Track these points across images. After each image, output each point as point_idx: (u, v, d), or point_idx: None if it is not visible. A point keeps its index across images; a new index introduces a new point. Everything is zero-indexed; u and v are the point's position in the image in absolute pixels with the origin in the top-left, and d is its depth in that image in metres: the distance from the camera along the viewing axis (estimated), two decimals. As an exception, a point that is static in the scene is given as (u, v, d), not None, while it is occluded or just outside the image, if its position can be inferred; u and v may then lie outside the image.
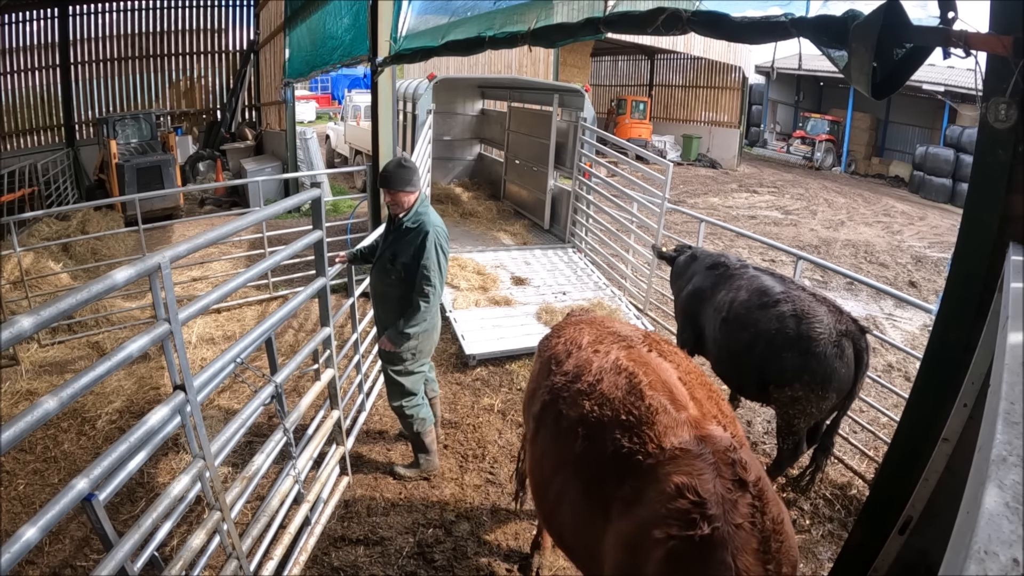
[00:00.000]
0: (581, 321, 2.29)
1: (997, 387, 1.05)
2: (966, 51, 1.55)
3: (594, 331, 2.13)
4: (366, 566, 2.86)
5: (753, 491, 1.42)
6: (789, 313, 3.16)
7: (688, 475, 1.46)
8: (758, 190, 14.67)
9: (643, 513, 1.50)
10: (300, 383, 4.39)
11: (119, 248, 7.57)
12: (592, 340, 2.06)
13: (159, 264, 1.63)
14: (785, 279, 3.50)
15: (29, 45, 12.25)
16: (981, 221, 1.75)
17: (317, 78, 25.99)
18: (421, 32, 5.33)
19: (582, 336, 2.11)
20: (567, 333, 2.20)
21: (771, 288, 3.37)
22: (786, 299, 3.24)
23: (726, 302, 3.51)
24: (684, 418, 1.63)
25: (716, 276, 3.76)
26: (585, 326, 2.20)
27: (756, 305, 3.33)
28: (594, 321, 2.27)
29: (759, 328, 3.23)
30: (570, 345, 2.09)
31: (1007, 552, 0.68)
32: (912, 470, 1.91)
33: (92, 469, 1.45)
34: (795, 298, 3.23)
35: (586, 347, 2.02)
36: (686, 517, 1.39)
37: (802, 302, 3.19)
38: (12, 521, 3.14)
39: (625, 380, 1.78)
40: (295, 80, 11.22)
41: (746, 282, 3.52)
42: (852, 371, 3.10)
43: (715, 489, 1.42)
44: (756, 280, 3.50)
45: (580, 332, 2.14)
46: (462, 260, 6.38)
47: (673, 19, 2.31)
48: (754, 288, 3.43)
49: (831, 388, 3.10)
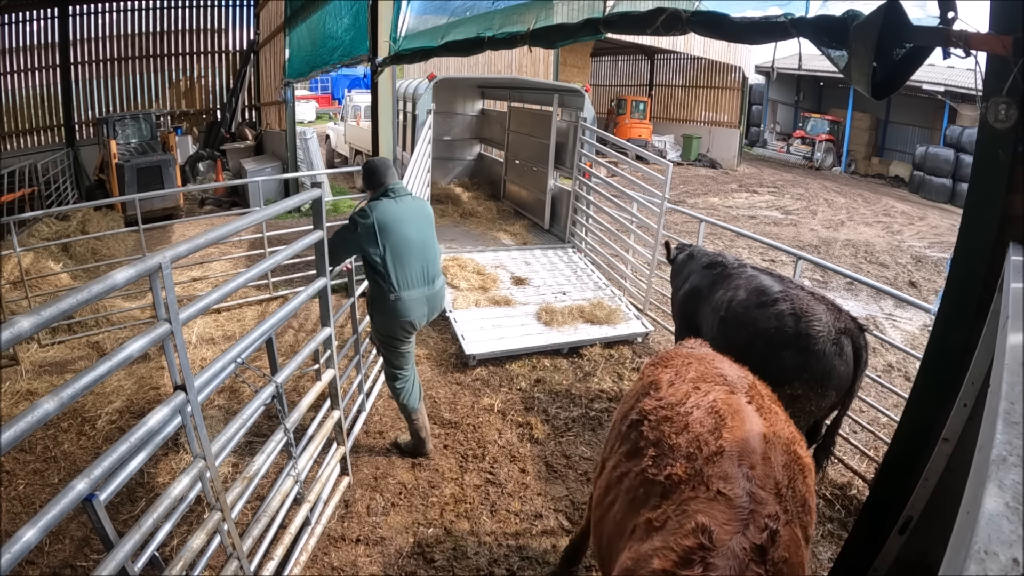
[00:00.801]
0: (691, 355, 2.26)
1: (997, 387, 1.05)
2: (966, 51, 1.55)
3: (701, 368, 2.11)
4: (366, 566, 2.87)
5: (768, 567, 1.36)
6: (788, 311, 3.16)
7: (713, 520, 1.43)
8: (758, 190, 14.67)
9: (656, 540, 1.50)
10: (300, 383, 4.39)
11: (119, 248, 7.57)
12: (696, 376, 2.05)
13: (160, 264, 1.63)
14: (784, 278, 3.50)
15: (29, 45, 12.25)
16: (981, 221, 1.75)
17: (317, 78, 25.99)
18: (420, 32, 5.33)
19: (688, 370, 2.10)
20: (674, 364, 2.18)
21: (769, 287, 3.37)
22: (784, 298, 3.24)
23: (724, 301, 3.50)
24: (745, 472, 1.58)
25: (714, 275, 3.75)
26: (694, 361, 2.17)
27: (754, 304, 3.32)
28: (704, 358, 2.23)
29: (758, 327, 3.23)
30: (674, 376, 2.08)
31: (1007, 552, 0.68)
32: (912, 470, 1.92)
33: (93, 469, 1.45)
34: (793, 296, 3.23)
35: (688, 381, 2.02)
36: (688, 555, 1.37)
37: (800, 300, 3.19)
38: (12, 521, 3.14)
39: (712, 420, 1.76)
40: (295, 80, 11.23)
41: (744, 281, 3.52)
42: (851, 369, 3.09)
43: (731, 544, 1.38)
44: (754, 279, 3.50)
45: (687, 366, 2.13)
46: (462, 260, 6.38)
47: (673, 19, 2.31)
48: (752, 287, 3.43)
49: (830, 386, 3.10)
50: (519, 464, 3.66)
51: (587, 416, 4.19)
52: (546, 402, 4.34)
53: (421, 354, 5.01)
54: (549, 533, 3.11)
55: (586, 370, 4.85)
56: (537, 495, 3.39)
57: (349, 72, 27.71)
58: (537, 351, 5.00)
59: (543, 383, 4.61)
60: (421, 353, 5.03)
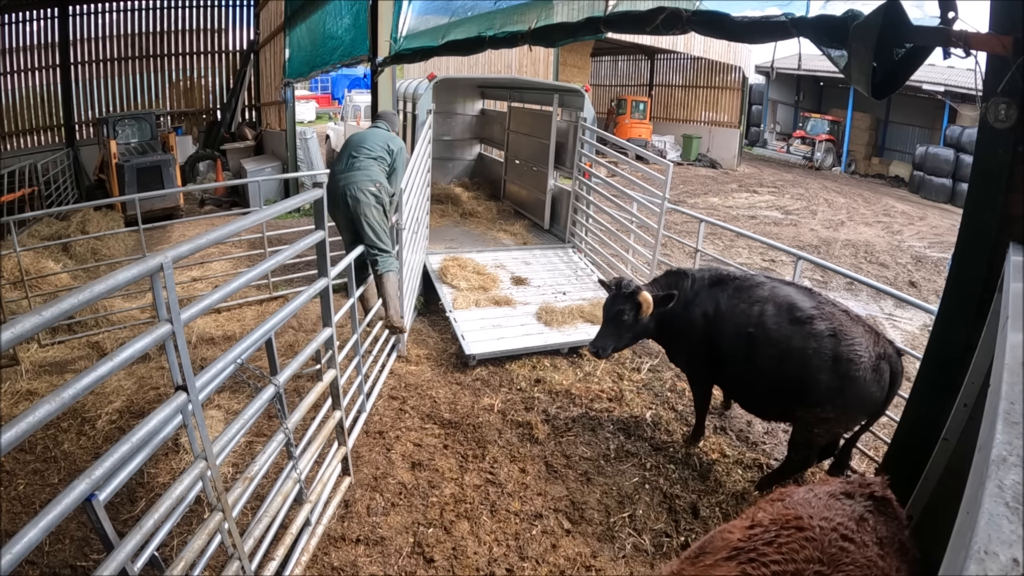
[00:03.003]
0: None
1: (997, 387, 1.05)
2: (966, 51, 1.55)
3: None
4: (366, 566, 2.87)
5: None
6: (826, 332, 2.97)
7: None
8: (758, 190, 14.67)
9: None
10: (300, 383, 4.39)
11: (119, 248, 7.57)
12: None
13: (161, 264, 1.63)
14: (812, 292, 3.29)
15: (29, 45, 12.24)
16: (981, 221, 1.76)
17: (317, 78, 25.97)
18: (421, 32, 5.34)
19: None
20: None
21: (800, 302, 3.15)
22: (821, 316, 3.04)
23: (751, 316, 3.22)
24: None
25: (730, 291, 3.44)
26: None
27: (787, 320, 3.11)
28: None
29: (791, 344, 3.04)
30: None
31: (1007, 552, 0.68)
32: (912, 470, 1.92)
33: (94, 470, 1.45)
34: (830, 315, 3.04)
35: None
36: None
37: (837, 320, 3.00)
38: (12, 521, 3.14)
39: None
40: (295, 80, 11.23)
41: (768, 293, 3.27)
42: (885, 394, 2.99)
43: None
44: (779, 291, 3.26)
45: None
46: (462, 260, 6.38)
47: (674, 18, 2.31)
48: (782, 301, 3.19)
49: (864, 411, 3.00)
50: (519, 464, 3.66)
51: (587, 416, 4.19)
52: (546, 402, 4.34)
53: (421, 354, 5.02)
54: (549, 533, 3.11)
55: (586, 370, 4.84)
56: (537, 495, 3.39)
57: (349, 72, 27.69)
58: (537, 351, 5.00)
59: (543, 383, 4.61)
60: (421, 353, 5.03)
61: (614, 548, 3.03)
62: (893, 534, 1.53)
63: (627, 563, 2.93)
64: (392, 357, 4.86)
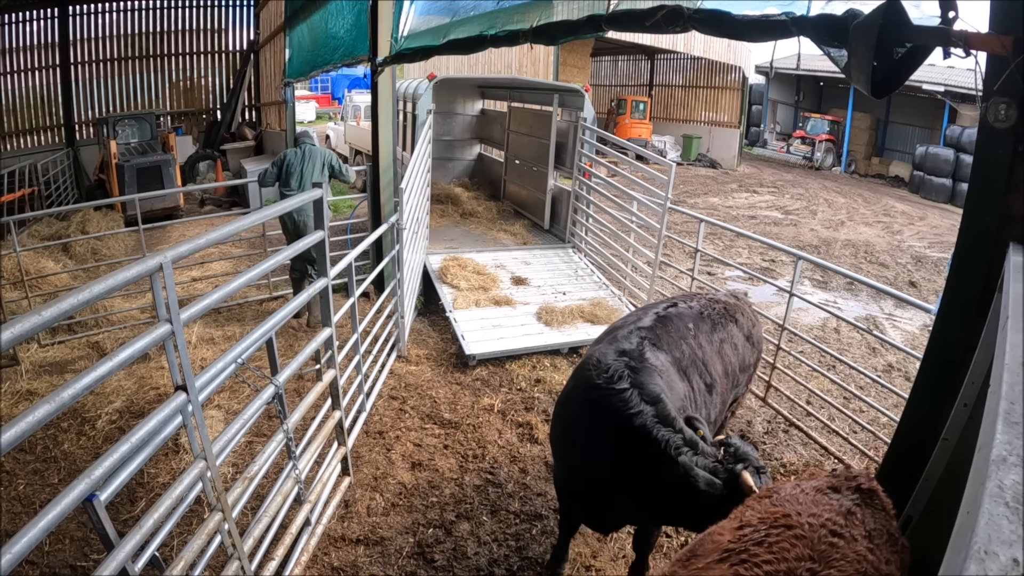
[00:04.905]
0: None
1: (997, 387, 1.05)
2: (966, 51, 1.55)
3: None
4: (366, 566, 2.87)
5: None
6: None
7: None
8: (758, 190, 14.67)
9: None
10: (299, 383, 4.39)
11: (119, 248, 7.57)
12: None
13: (161, 264, 1.63)
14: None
15: (29, 45, 12.24)
16: (981, 221, 1.75)
17: (317, 78, 25.97)
18: (422, 32, 5.33)
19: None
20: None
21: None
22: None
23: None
24: None
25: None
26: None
27: None
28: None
29: None
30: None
31: (1007, 552, 0.68)
32: (912, 470, 1.92)
33: (94, 470, 1.45)
34: None
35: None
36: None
37: None
38: (12, 521, 3.14)
39: None
40: (295, 80, 11.22)
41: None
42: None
43: None
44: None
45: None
46: (462, 260, 6.38)
47: (675, 15, 2.31)
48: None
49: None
50: (519, 464, 3.66)
51: (587, 416, 4.19)
52: (546, 402, 4.34)
53: (421, 354, 5.02)
54: (549, 533, 3.11)
55: (586, 370, 4.84)
56: (537, 495, 3.39)
57: (349, 72, 27.68)
58: (537, 351, 5.00)
59: (543, 383, 4.61)
60: (421, 353, 5.03)
61: (614, 548, 3.03)
62: (882, 526, 1.54)
63: (627, 563, 2.93)
64: (392, 357, 4.86)
